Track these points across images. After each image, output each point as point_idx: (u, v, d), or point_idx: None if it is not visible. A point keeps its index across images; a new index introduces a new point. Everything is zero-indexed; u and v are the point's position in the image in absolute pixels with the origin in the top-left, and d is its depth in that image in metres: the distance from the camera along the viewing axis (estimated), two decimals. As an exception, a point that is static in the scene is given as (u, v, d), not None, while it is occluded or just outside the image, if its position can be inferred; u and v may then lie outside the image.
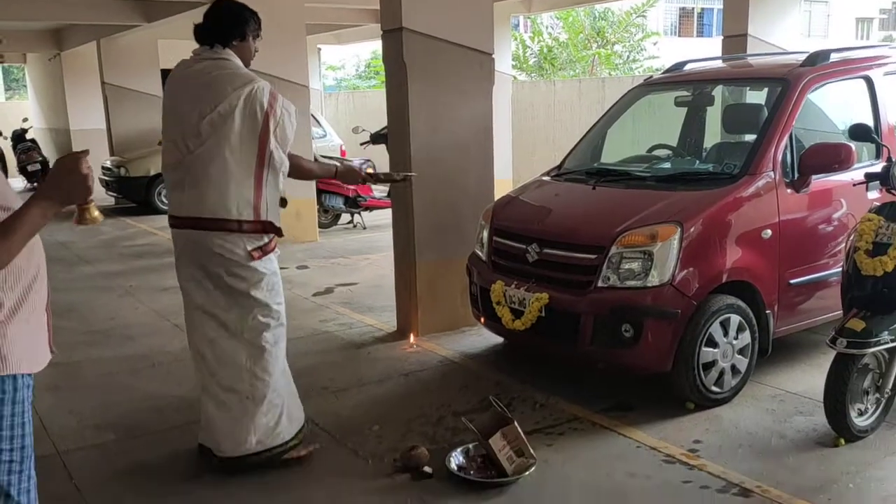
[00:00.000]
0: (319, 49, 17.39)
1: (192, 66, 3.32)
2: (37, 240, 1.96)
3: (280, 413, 3.41)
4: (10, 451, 1.92)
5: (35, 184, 14.47)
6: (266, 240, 3.32)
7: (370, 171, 3.79)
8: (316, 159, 9.37)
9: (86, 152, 1.90)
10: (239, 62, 3.33)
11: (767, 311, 4.12)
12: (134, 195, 11.92)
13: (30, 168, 14.72)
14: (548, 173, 5.08)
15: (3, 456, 1.91)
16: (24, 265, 1.94)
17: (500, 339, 5.00)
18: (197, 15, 3.43)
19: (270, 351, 3.39)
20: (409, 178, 4.09)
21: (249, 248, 3.27)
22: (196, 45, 3.37)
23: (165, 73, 3.83)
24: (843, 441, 3.55)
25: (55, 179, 1.88)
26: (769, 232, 4.08)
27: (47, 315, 2.08)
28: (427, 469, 3.37)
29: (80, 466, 3.56)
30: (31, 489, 1.99)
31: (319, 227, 9.45)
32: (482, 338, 5.17)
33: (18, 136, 15.75)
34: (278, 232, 3.36)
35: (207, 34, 3.32)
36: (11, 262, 1.85)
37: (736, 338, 4.01)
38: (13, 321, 1.91)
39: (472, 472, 3.34)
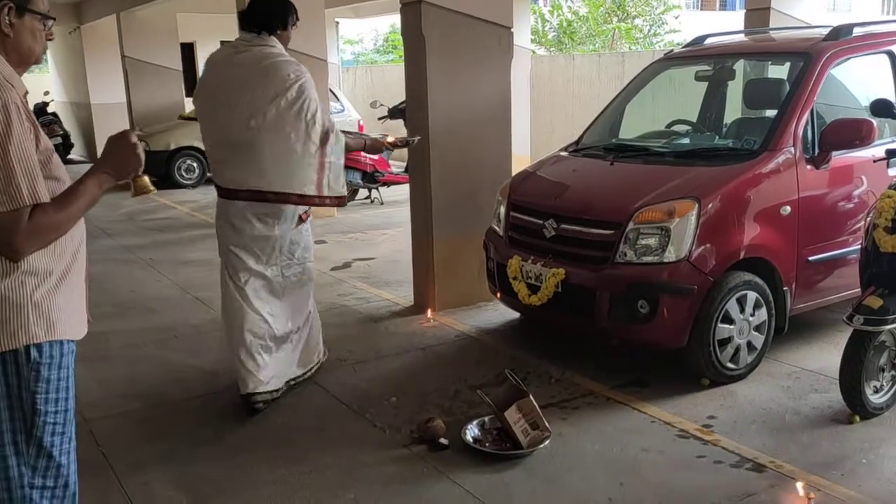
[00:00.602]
0: (337, 23, 17.34)
1: (243, 52, 3.64)
2: None
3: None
4: (54, 414, 2.00)
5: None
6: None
7: (390, 140, 4.17)
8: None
9: (132, 129, 1.97)
10: (282, 48, 3.69)
11: (785, 289, 4.12)
12: (154, 169, 11.97)
13: (51, 142, 14.85)
14: (565, 149, 5.07)
15: (48, 418, 1.98)
16: (70, 236, 2.03)
17: (516, 315, 5.03)
18: None
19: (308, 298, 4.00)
20: (413, 141, 4.47)
21: (300, 213, 3.82)
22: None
23: (184, 47, 4.16)
24: (857, 418, 3.56)
25: (110, 154, 2.04)
26: (788, 209, 4.06)
27: (86, 285, 2.18)
28: (443, 441, 3.42)
29: (106, 434, 3.66)
30: (71, 451, 2.08)
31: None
32: (498, 313, 5.21)
33: (40, 110, 15.88)
34: (342, 202, 3.88)
35: (255, 22, 3.64)
36: None
37: (752, 314, 4.01)
38: (61, 289, 2.01)
39: (487, 444, 3.39)
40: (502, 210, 4.69)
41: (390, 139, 4.15)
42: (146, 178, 2.12)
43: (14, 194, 1.83)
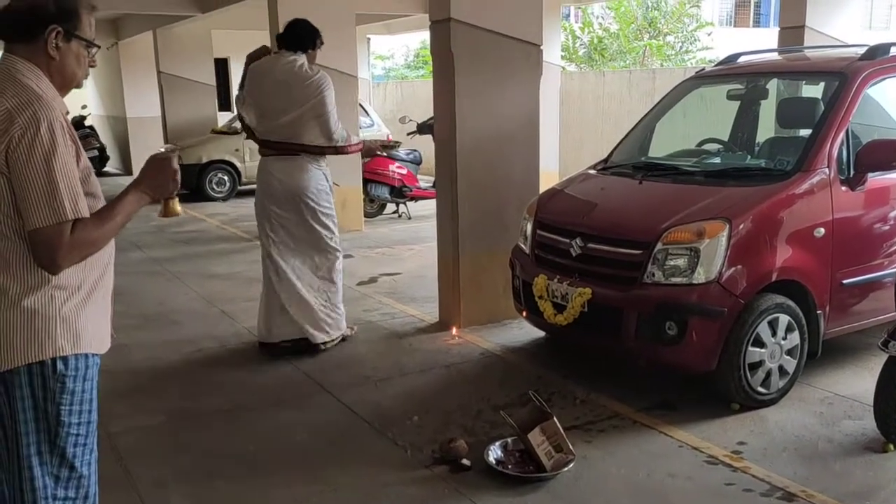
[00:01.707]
0: (369, 39, 17.47)
1: (284, 65, 4.72)
2: None
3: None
4: (77, 426, 2.04)
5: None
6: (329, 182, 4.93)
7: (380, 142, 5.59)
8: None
9: (175, 149, 2.15)
10: (309, 62, 4.82)
11: (818, 312, 4.02)
12: (186, 182, 12.12)
13: (87, 154, 15.10)
14: (594, 166, 5.03)
15: (71, 429, 2.02)
16: (101, 251, 2.08)
17: (542, 333, 4.98)
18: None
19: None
20: (396, 145, 5.80)
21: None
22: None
23: (219, 63, 4.98)
24: (892, 446, 3.44)
25: (150, 174, 2.13)
26: (822, 230, 3.97)
27: (111, 300, 2.23)
28: (465, 461, 3.37)
29: (128, 447, 3.66)
30: (93, 462, 2.12)
31: (365, 216, 9.51)
32: (524, 331, 5.16)
33: (77, 123, 16.16)
34: (340, 151, 4.92)
35: (290, 44, 4.79)
36: None
37: (784, 338, 3.92)
38: (88, 303, 2.06)
39: (510, 466, 3.34)
40: (529, 228, 4.65)
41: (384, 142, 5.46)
42: (177, 202, 2.22)
43: (57, 209, 1.89)
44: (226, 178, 12.13)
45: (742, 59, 5.20)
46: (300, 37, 4.80)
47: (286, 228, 4.78)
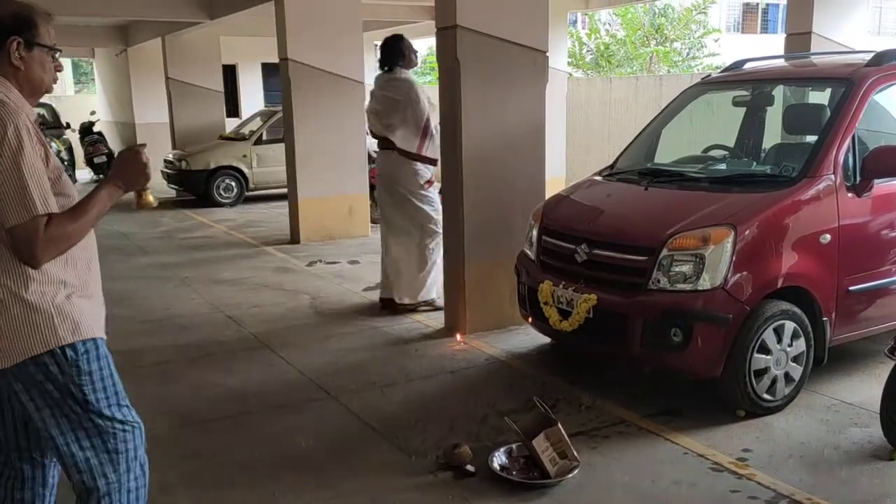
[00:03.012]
0: (376, 45, 17.50)
1: (392, 81, 5.77)
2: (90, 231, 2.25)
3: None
4: (105, 399, 2.22)
5: (101, 176, 14.96)
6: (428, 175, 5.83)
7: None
8: (370, 155, 9.52)
9: (143, 145, 2.30)
10: (408, 73, 5.87)
11: (824, 319, 4.01)
12: (194, 188, 12.21)
13: (96, 160, 15.21)
14: (600, 173, 5.03)
15: (100, 405, 2.21)
16: (79, 250, 2.20)
17: (547, 340, 4.97)
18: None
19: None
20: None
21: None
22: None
23: (227, 69, 4.70)
24: (900, 455, 3.43)
25: (120, 168, 2.26)
26: (828, 237, 3.96)
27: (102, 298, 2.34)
28: (470, 468, 3.37)
29: (133, 452, 3.66)
30: (129, 430, 2.30)
31: (372, 222, 9.50)
32: (529, 337, 5.15)
33: (86, 129, 16.29)
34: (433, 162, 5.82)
35: (384, 63, 5.82)
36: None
37: (790, 345, 3.91)
38: (79, 294, 2.20)
39: (514, 472, 3.34)
40: (534, 234, 4.66)
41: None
42: (150, 193, 2.35)
43: (28, 206, 2.02)
44: (233, 183, 12.17)
45: (748, 66, 5.19)
46: (390, 56, 5.82)
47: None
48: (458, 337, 5.24)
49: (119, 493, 2.28)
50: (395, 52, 5.74)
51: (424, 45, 28.17)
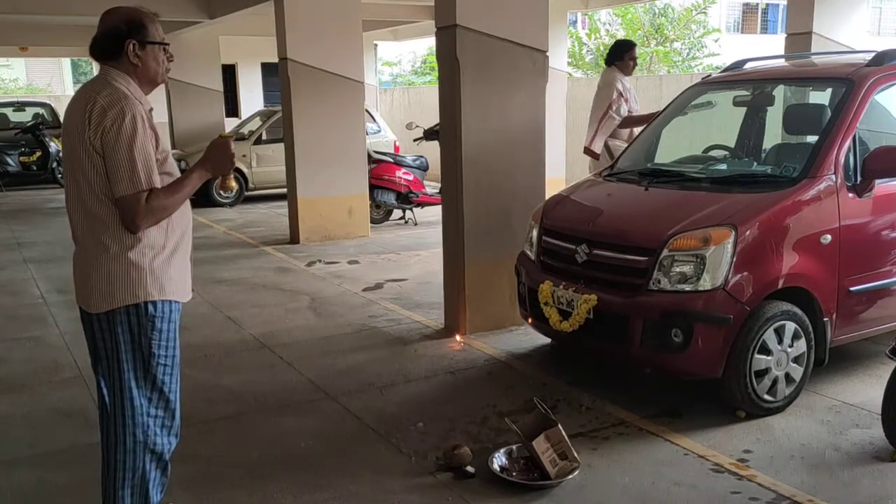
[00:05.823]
0: (376, 45, 17.54)
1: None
2: (186, 203, 2.63)
3: None
4: (164, 357, 2.60)
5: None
6: None
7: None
8: (370, 156, 9.51)
9: (231, 135, 2.73)
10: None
11: (825, 319, 4.00)
12: (193, 188, 12.16)
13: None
14: (600, 173, 5.02)
15: (159, 360, 2.59)
16: (179, 219, 2.61)
17: (547, 340, 4.96)
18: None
19: None
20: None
21: None
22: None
23: (226, 69, 4.50)
24: (901, 456, 3.42)
25: (210, 155, 2.64)
26: (829, 237, 3.95)
27: (191, 263, 2.73)
28: (469, 469, 3.36)
29: (132, 453, 3.65)
30: (176, 391, 2.69)
31: (371, 222, 9.52)
32: (529, 338, 5.14)
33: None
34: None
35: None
36: (172, 215, 2.54)
37: (791, 346, 3.90)
38: (172, 259, 2.58)
39: (514, 473, 3.33)
40: (534, 234, 4.64)
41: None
42: (232, 178, 2.74)
43: (135, 181, 2.43)
44: (233, 184, 12.12)
45: (748, 66, 5.18)
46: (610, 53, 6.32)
47: None
48: (458, 337, 5.23)
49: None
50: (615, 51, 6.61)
51: (424, 45, 28.22)
